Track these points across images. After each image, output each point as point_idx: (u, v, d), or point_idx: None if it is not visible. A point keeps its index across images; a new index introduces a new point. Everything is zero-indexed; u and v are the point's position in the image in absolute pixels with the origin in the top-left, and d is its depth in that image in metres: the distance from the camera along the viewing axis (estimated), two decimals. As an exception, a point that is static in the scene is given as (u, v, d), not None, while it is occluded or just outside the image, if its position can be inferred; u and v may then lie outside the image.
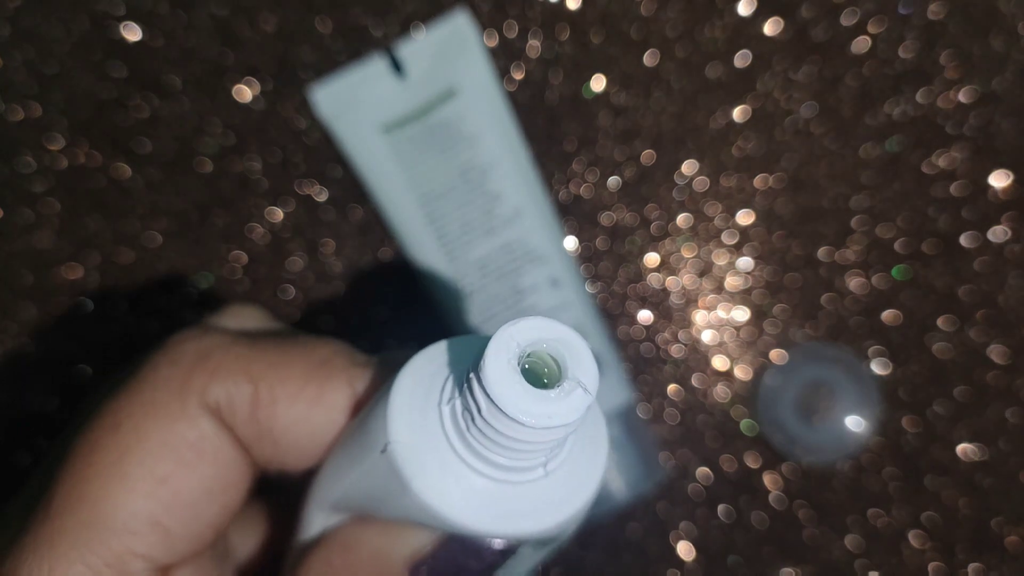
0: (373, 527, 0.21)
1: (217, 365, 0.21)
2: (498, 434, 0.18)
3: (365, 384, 0.21)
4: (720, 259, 0.36)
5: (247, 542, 0.25)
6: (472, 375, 0.18)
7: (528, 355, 0.18)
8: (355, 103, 0.34)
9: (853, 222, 0.36)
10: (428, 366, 0.19)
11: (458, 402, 0.18)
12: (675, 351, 0.36)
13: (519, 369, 0.17)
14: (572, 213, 0.36)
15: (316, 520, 0.22)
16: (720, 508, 0.36)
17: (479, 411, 0.18)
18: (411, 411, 0.19)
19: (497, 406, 0.17)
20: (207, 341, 0.21)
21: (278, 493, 0.25)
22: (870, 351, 0.36)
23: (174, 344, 0.21)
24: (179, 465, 0.20)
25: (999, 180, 0.36)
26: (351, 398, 0.21)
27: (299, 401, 0.21)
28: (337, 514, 0.22)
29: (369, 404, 0.20)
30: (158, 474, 0.20)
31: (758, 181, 0.36)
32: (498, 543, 0.20)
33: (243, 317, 0.24)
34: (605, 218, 0.36)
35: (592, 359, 0.18)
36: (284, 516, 0.24)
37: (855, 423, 0.36)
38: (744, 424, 0.36)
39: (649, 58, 0.35)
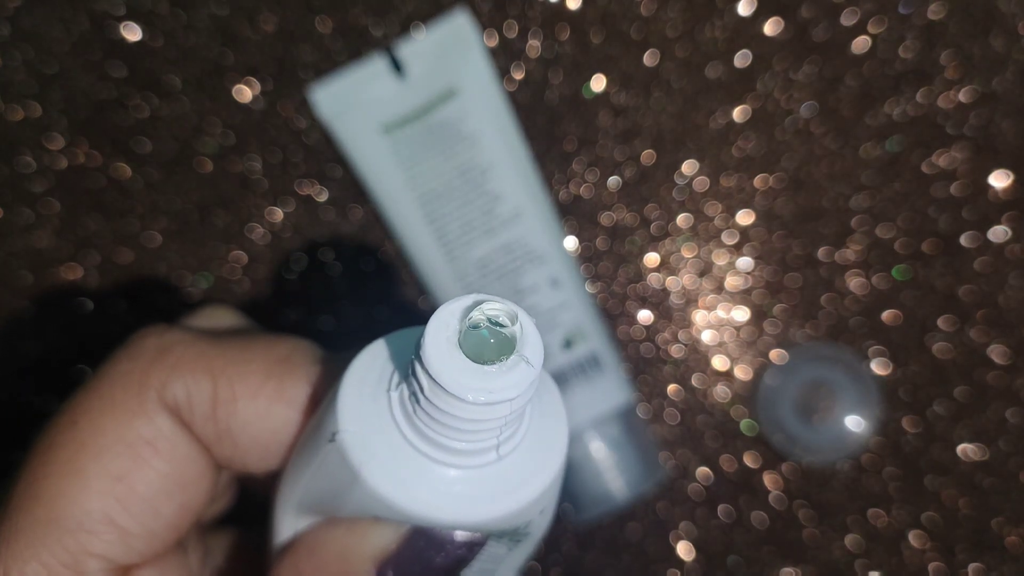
0: (339, 527, 0.21)
1: (176, 361, 0.20)
2: (443, 413, 0.17)
3: (324, 380, 0.21)
4: (720, 259, 0.36)
5: (225, 545, 0.25)
6: (414, 356, 0.17)
7: (471, 331, 0.17)
8: (355, 103, 0.34)
9: (853, 222, 0.36)
10: (378, 358, 0.19)
11: (405, 387, 0.18)
12: (675, 351, 0.36)
13: (459, 345, 0.17)
14: (572, 213, 0.36)
15: (286, 524, 0.21)
16: (720, 508, 0.36)
17: (422, 391, 0.17)
18: (360, 401, 0.18)
19: (437, 383, 0.17)
20: (168, 337, 0.21)
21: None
22: (870, 351, 0.36)
23: (135, 340, 0.21)
24: (135, 462, 0.20)
25: (999, 180, 0.36)
26: (310, 394, 0.21)
27: (259, 398, 0.20)
28: (305, 516, 0.21)
29: (324, 400, 0.20)
30: (114, 471, 0.20)
31: (758, 181, 0.36)
32: (462, 536, 0.20)
33: (215, 318, 0.24)
34: (605, 218, 0.36)
35: (537, 334, 0.18)
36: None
37: (855, 423, 0.36)
38: (744, 424, 0.36)
39: (649, 58, 0.35)
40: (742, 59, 0.35)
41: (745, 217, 0.36)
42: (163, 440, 0.20)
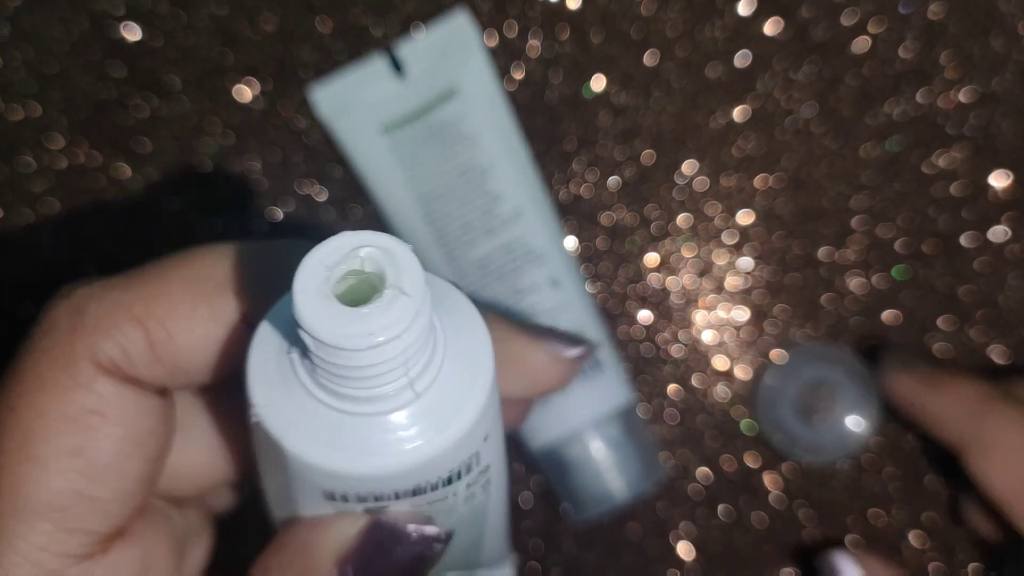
0: (302, 523, 0.20)
1: (96, 320, 0.19)
2: (337, 366, 0.16)
3: (249, 281, 0.20)
4: (720, 259, 0.36)
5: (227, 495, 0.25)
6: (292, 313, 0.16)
7: (345, 276, 0.16)
8: (355, 103, 0.34)
9: (853, 222, 0.36)
10: (279, 319, 0.18)
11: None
12: (675, 351, 0.36)
13: (332, 292, 0.16)
14: (572, 213, 0.36)
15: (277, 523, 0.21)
16: (720, 508, 0.36)
17: (308, 348, 0.16)
18: (267, 369, 0.17)
19: (315, 337, 0.16)
20: (77, 298, 0.20)
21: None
22: (870, 350, 0.36)
23: (46, 311, 0.20)
24: (87, 434, 0.19)
25: (999, 180, 0.36)
26: (242, 305, 0.20)
27: (194, 328, 0.20)
28: (280, 514, 0.21)
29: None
30: (68, 448, 0.19)
31: (758, 181, 0.36)
32: (428, 531, 0.19)
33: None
34: (605, 218, 0.36)
35: (415, 261, 0.17)
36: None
37: (855, 423, 0.36)
38: (744, 424, 0.36)
39: (649, 58, 0.35)
40: (742, 59, 0.35)
41: (745, 217, 0.36)
42: (108, 405, 0.20)
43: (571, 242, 0.36)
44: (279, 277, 0.18)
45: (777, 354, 0.36)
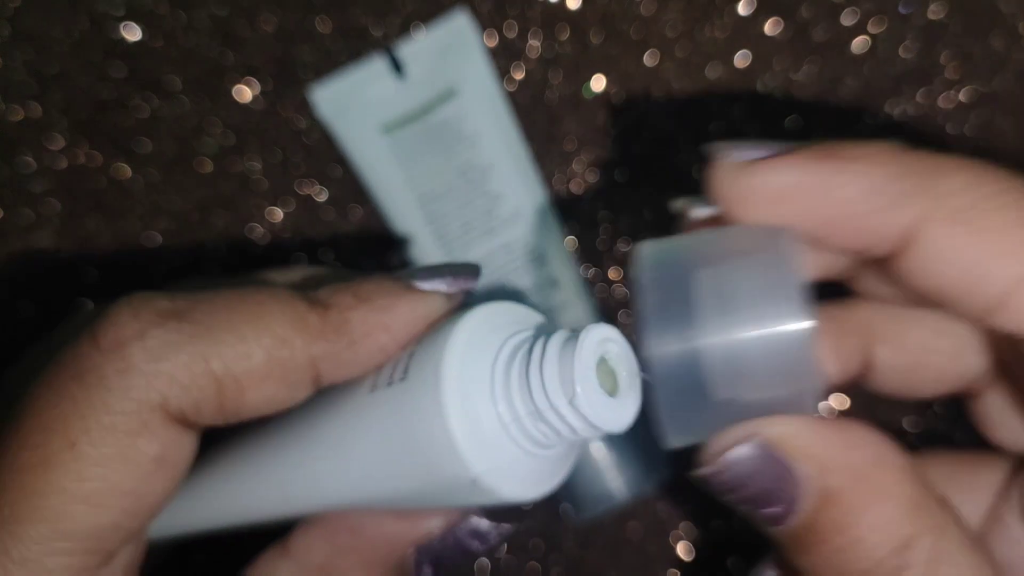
0: (387, 514, 0.22)
1: (173, 372, 0.19)
2: (569, 429, 0.19)
3: (325, 359, 0.21)
4: (720, 259, 0.36)
5: None
6: (540, 372, 0.18)
7: (601, 363, 0.19)
8: (355, 103, 0.34)
9: (853, 222, 0.36)
10: (476, 360, 0.19)
11: (520, 403, 0.19)
12: (675, 351, 0.36)
13: (599, 386, 0.19)
14: (572, 213, 0.36)
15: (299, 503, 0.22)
16: (720, 508, 0.36)
17: (562, 419, 0.19)
18: (481, 431, 0.19)
19: (593, 424, 0.18)
20: (155, 342, 0.19)
21: None
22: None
23: (114, 344, 0.19)
24: (145, 479, 0.20)
25: (999, 180, 0.36)
26: (313, 375, 0.21)
27: (264, 387, 0.20)
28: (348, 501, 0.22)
29: (388, 401, 0.20)
30: (124, 490, 0.19)
31: (758, 181, 0.36)
32: (504, 528, 0.22)
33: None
34: (605, 218, 0.36)
35: (629, 347, 0.20)
36: None
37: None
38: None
39: (649, 58, 0.35)
40: (742, 59, 0.35)
41: (745, 217, 0.36)
42: (169, 451, 0.20)
43: (571, 242, 0.36)
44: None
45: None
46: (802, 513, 0.19)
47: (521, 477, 0.20)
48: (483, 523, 0.22)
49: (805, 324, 0.18)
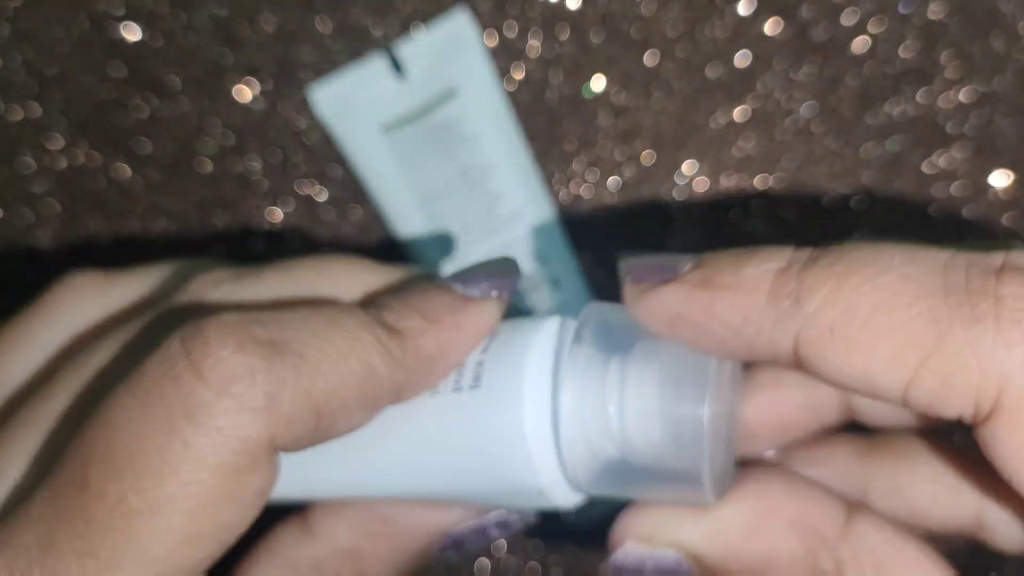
0: (418, 503, 0.23)
1: (281, 410, 0.19)
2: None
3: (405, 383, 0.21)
4: (720, 259, 0.36)
5: None
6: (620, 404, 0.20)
7: None
8: (355, 103, 0.34)
9: (854, 222, 0.36)
10: (555, 377, 0.20)
11: (593, 424, 0.20)
12: (675, 351, 0.36)
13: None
14: (572, 213, 0.36)
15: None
16: (720, 508, 0.36)
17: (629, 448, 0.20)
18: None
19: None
20: (261, 376, 0.19)
21: None
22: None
23: (224, 381, 0.18)
24: (247, 512, 0.19)
25: (999, 180, 0.36)
26: (395, 400, 0.21)
27: (352, 418, 0.20)
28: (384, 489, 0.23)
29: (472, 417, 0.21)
30: (227, 524, 0.19)
31: (758, 181, 0.36)
32: (528, 517, 0.23)
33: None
34: (605, 218, 0.36)
35: None
36: None
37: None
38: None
39: (649, 58, 0.35)
40: (742, 59, 0.35)
41: (745, 217, 0.36)
42: (270, 483, 0.20)
43: (571, 242, 0.36)
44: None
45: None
46: None
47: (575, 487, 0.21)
48: (513, 516, 0.23)
49: (699, 411, 0.20)
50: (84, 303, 0.26)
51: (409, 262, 0.35)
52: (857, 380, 0.19)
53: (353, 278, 0.23)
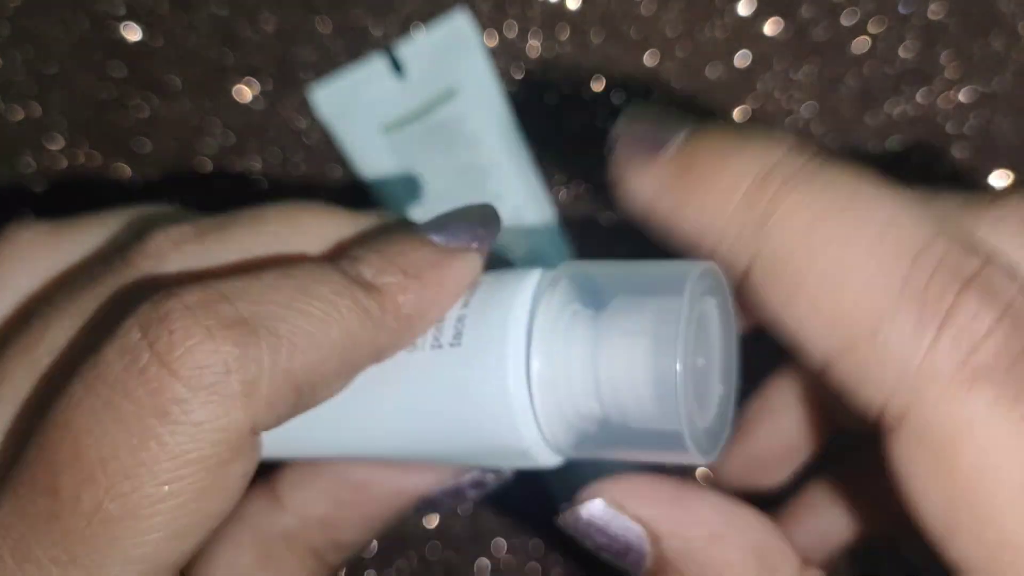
0: (392, 468, 0.22)
1: (261, 393, 0.18)
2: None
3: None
4: (720, 259, 0.36)
5: None
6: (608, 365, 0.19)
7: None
8: (355, 103, 0.34)
9: (853, 222, 0.36)
10: (537, 336, 0.20)
11: (580, 386, 0.20)
12: (675, 351, 0.36)
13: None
14: (572, 213, 0.36)
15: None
16: (720, 508, 0.36)
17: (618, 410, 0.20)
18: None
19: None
20: (237, 362, 0.18)
21: None
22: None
23: (196, 374, 0.17)
24: (232, 498, 0.19)
25: (999, 180, 0.36)
26: (375, 360, 0.20)
27: (336, 383, 0.20)
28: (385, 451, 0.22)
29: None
30: (214, 514, 0.18)
31: (758, 181, 0.36)
32: (504, 477, 0.23)
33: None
34: (605, 218, 0.36)
35: None
36: None
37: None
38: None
39: (649, 58, 0.35)
40: (742, 59, 0.35)
41: (745, 217, 0.36)
42: (253, 464, 0.19)
43: (571, 242, 0.36)
44: None
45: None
46: (648, 572, 0.20)
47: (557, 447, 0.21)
48: (489, 476, 0.23)
49: (675, 366, 0.18)
50: (31, 261, 0.24)
51: (375, 206, 0.35)
52: (789, 327, 0.18)
53: (324, 228, 0.22)
